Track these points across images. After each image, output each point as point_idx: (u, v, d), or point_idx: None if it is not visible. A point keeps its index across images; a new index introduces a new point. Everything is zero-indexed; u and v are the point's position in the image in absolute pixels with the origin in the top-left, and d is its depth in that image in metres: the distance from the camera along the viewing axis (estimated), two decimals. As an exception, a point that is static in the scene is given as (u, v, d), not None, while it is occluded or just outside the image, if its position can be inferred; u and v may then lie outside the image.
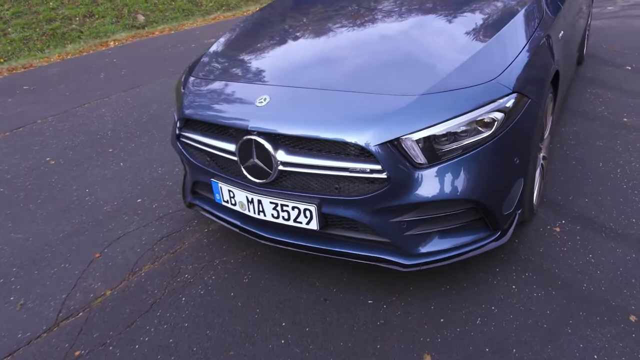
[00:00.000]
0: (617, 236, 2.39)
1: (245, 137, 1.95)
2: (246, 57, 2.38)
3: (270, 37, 2.56)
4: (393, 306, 2.06)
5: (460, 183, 1.80)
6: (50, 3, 11.30)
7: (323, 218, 1.95)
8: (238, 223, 2.26)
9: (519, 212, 2.10)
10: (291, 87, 2.00)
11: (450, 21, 2.33)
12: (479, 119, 1.79)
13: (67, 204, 3.20)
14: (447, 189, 1.80)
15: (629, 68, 4.77)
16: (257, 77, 2.16)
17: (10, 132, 4.63)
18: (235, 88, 2.14)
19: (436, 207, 1.85)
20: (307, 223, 1.96)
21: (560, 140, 3.41)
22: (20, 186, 3.50)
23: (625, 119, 3.66)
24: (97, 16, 11.04)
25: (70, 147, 4.10)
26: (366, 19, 2.50)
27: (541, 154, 2.50)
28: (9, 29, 10.17)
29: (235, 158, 2.04)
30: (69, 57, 8.13)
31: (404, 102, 1.79)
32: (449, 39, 2.15)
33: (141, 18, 10.96)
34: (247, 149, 1.97)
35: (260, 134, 1.91)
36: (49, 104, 5.37)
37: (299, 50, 2.35)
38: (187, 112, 2.22)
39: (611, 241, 2.35)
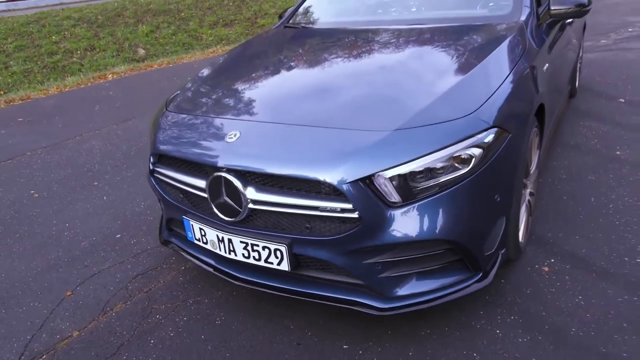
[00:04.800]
0: (608, 276, 2.28)
1: (215, 174, 1.88)
2: (220, 92, 2.33)
3: (243, 73, 2.52)
4: (369, 352, 1.94)
5: (436, 223, 1.72)
6: (53, 37, 11.44)
7: (295, 258, 1.86)
8: (212, 262, 2.17)
9: (502, 252, 2.00)
10: (263, 123, 1.94)
11: (431, 56, 2.28)
12: (456, 155, 1.72)
13: (45, 239, 3.11)
14: (423, 229, 1.71)
15: (622, 100, 4.73)
16: (231, 111, 2.10)
17: (-1, 164, 4.59)
18: (208, 123, 2.08)
19: (412, 248, 1.76)
20: (278, 264, 1.87)
21: (551, 175, 3.33)
22: (0, 219, 3.43)
23: (618, 152, 3.58)
24: (98, 49, 11.16)
25: (55, 180, 4.04)
26: (345, 54, 2.46)
27: (528, 190, 2.42)
28: (11, 62, 10.28)
29: (205, 195, 1.96)
30: (67, 89, 8.16)
31: (375, 138, 1.72)
32: (428, 74, 2.09)
33: (141, 52, 11.08)
34: (217, 186, 1.89)
35: (230, 170, 1.84)
36: (40, 136, 5.35)
37: (272, 86, 2.30)
38: (161, 147, 2.16)
39: (602, 281, 2.24)
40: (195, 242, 2.12)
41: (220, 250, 2.00)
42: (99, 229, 3.17)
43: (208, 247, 2.05)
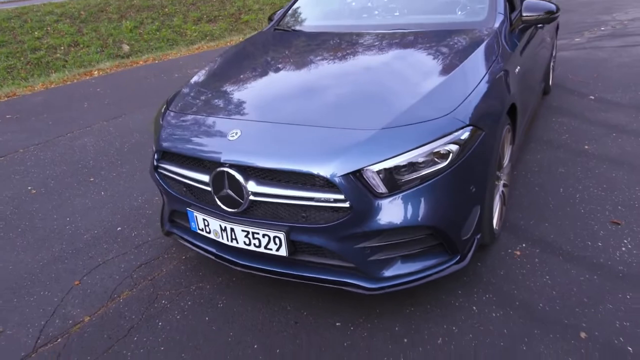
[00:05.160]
0: (572, 258, 2.53)
1: (218, 169, 2.07)
2: (221, 92, 2.52)
3: (244, 72, 2.71)
4: (360, 328, 2.16)
5: (418, 211, 1.94)
6: (36, 32, 11.39)
7: (292, 245, 2.06)
8: (213, 250, 2.35)
9: (478, 237, 2.23)
10: (261, 122, 2.14)
11: (412, 59, 2.50)
12: (436, 150, 1.93)
13: (48, 233, 3.26)
14: (407, 216, 1.93)
15: (592, 97, 5.01)
16: (230, 111, 2.29)
17: (-8, 161, 4.69)
18: (210, 122, 2.26)
19: (397, 233, 1.97)
20: (277, 250, 2.07)
21: (524, 168, 3.58)
22: (0, 215, 3.56)
23: (586, 147, 3.85)
24: (82, 45, 11.16)
25: (51, 177, 4.17)
26: (332, 56, 2.66)
27: (501, 182, 2.65)
28: (-7, 58, 10.23)
29: (209, 189, 2.15)
30: (52, 86, 8.21)
31: (365, 135, 1.93)
32: (410, 76, 2.30)
33: (126, 48, 11.10)
34: (220, 180, 2.08)
35: (232, 166, 2.03)
36: (31, 133, 5.44)
37: (270, 86, 2.49)
38: (164, 144, 2.34)
39: (567, 263, 2.49)
40: (199, 232, 2.31)
41: (222, 239, 2.19)
42: (100, 223, 3.33)
43: (211, 236, 2.24)
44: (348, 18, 3.38)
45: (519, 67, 2.75)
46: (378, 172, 1.89)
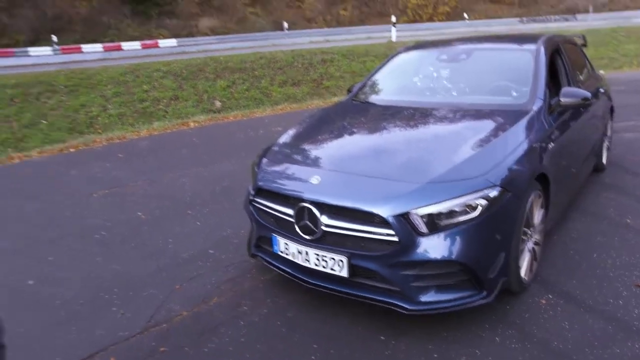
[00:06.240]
0: (592, 311, 2.91)
1: (300, 205, 2.74)
2: (306, 147, 3.24)
3: (324, 133, 3.43)
4: (400, 343, 2.67)
5: (452, 249, 2.48)
6: (144, 86, 13.11)
7: (352, 268, 2.65)
8: (289, 270, 2.98)
9: (504, 279, 2.71)
10: (336, 172, 2.81)
11: (459, 130, 3.11)
12: (468, 203, 2.50)
13: (154, 250, 4.04)
14: (442, 252, 2.48)
15: (646, 178, 5.29)
16: (312, 162, 2.99)
17: (109, 190, 5.69)
18: (297, 169, 2.96)
19: (434, 266, 2.52)
20: (340, 271, 2.67)
21: (564, 234, 3.97)
22: (117, 232, 4.42)
23: (628, 220, 4.18)
24: (180, 99, 12.68)
25: (157, 207, 5.04)
26: (395, 125, 3.32)
27: (532, 239, 3.11)
28: (109, 105, 11.88)
29: (292, 219, 2.81)
30: (155, 132, 9.43)
31: (413, 187, 2.54)
32: (454, 143, 2.91)
33: (218, 104, 12.47)
34: (301, 213, 2.74)
35: (312, 203, 2.69)
36: (139, 171, 6.47)
37: (344, 145, 3.18)
38: (260, 183, 3.06)
39: (587, 314, 2.88)
40: (279, 253, 2.96)
41: (298, 259, 2.82)
42: (195, 246, 4.08)
43: (289, 257, 2.88)
44: (412, 95, 4.06)
45: (553, 144, 3.26)
46: (421, 216, 2.48)
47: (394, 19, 25.56)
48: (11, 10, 27.68)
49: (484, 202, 2.52)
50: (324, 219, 2.66)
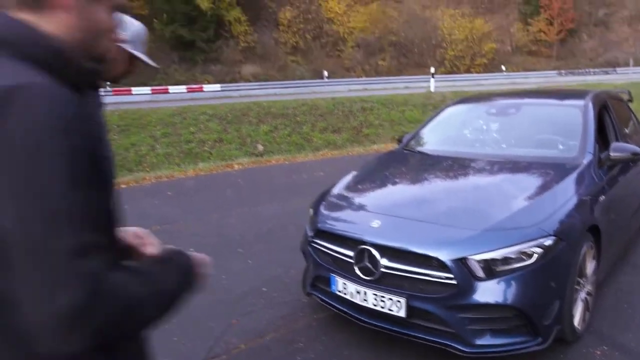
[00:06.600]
0: (647, 364, 2.92)
1: (360, 247, 2.90)
2: (363, 193, 3.43)
3: (380, 180, 3.62)
4: (455, 385, 2.74)
5: (508, 294, 2.58)
6: (191, 128, 13.74)
7: (409, 309, 2.77)
8: (345, 309, 3.11)
9: (558, 327, 2.77)
10: (394, 217, 2.97)
11: (512, 182, 3.25)
12: (524, 250, 2.61)
13: (209, 284, 4.22)
14: (499, 297, 2.58)
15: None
16: (371, 207, 3.17)
17: (161, 227, 5.96)
18: (356, 213, 3.15)
19: (490, 310, 2.61)
20: (398, 311, 2.79)
21: (617, 287, 3.98)
22: (174, 268, 4.63)
23: (681, 277, 4.15)
24: (225, 142, 13.20)
25: (207, 244, 5.26)
26: (449, 174, 3.49)
27: (585, 289, 3.16)
28: (157, 145, 12.48)
29: (351, 261, 2.97)
30: (201, 173, 9.82)
31: (471, 233, 2.67)
32: (509, 194, 3.05)
33: (260, 147, 12.92)
34: (361, 255, 2.90)
35: (372, 245, 2.85)
36: (187, 209, 6.76)
37: (399, 191, 3.36)
38: (320, 225, 3.24)
39: (641, 367, 2.89)
40: (337, 293, 3.10)
41: (356, 299, 2.96)
42: (248, 283, 4.25)
43: (347, 297, 3.02)
44: (463, 146, 4.23)
45: (603, 197, 3.35)
46: (479, 261, 2.60)
47: (432, 70, 26.11)
48: (69, 55, 29.52)
49: (539, 250, 2.63)
50: (384, 261, 2.80)
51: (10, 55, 0.90)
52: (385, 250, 2.83)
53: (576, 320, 3.02)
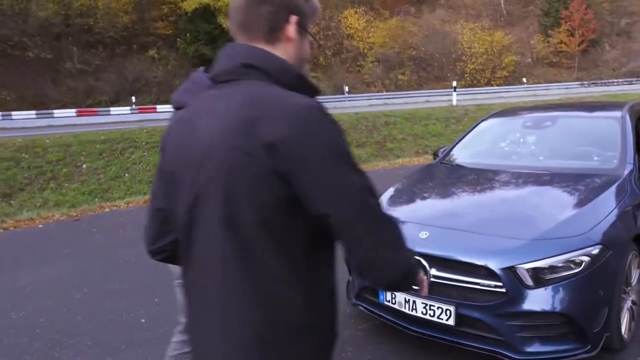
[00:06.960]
0: (697, 373, 2.94)
1: (409, 256, 3.00)
2: (408, 205, 3.55)
3: (422, 193, 3.73)
4: (505, 391, 2.81)
5: (557, 301, 2.66)
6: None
7: (458, 317, 2.85)
8: (393, 319, 3.21)
9: (607, 334, 2.83)
10: (441, 227, 3.08)
11: (556, 193, 3.34)
12: (572, 259, 2.69)
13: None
14: (548, 305, 2.66)
15: None
16: (417, 219, 3.28)
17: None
18: (403, 225, 3.23)
19: (539, 317, 2.69)
20: (447, 320, 2.88)
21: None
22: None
23: None
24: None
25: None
26: (492, 186, 3.59)
27: (630, 298, 3.21)
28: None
29: (399, 270, 3.07)
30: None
31: (519, 243, 2.76)
32: (554, 204, 3.14)
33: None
34: (409, 264, 3.00)
35: (421, 255, 2.96)
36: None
37: (443, 203, 3.46)
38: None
39: (692, 375, 2.92)
40: (385, 303, 3.20)
41: (405, 308, 3.06)
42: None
43: (395, 306, 3.12)
44: (501, 158, 4.32)
45: (645, 207, 3.41)
46: (527, 270, 2.68)
47: (454, 83, 26.17)
48: (97, 75, 30.43)
49: (587, 258, 2.70)
50: (433, 271, 2.91)
51: (263, 79, 1.16)
52: (434, 260, 2.93)
53: (623, 329, 3.06)
